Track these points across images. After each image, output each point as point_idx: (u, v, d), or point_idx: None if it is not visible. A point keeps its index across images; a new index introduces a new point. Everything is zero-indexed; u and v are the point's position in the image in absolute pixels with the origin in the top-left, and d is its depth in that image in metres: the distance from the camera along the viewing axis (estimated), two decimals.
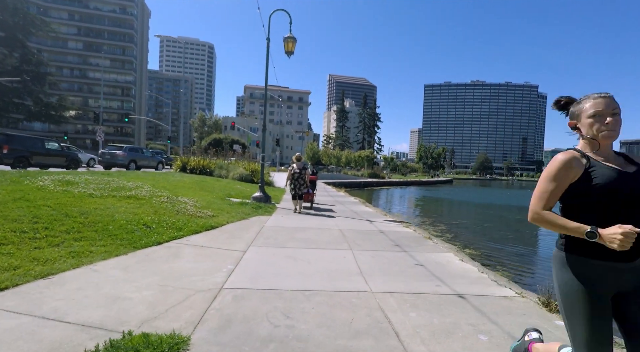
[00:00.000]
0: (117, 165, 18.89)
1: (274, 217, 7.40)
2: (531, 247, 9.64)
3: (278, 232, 5.80)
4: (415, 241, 5.64)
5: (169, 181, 10.21)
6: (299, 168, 8.32)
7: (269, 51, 9.41)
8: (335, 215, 8.45)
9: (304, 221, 7.07)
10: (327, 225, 6.81)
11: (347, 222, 7.43)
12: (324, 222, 7.09)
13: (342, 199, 13.95)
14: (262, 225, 6.39)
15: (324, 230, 6.21)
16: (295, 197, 8.38)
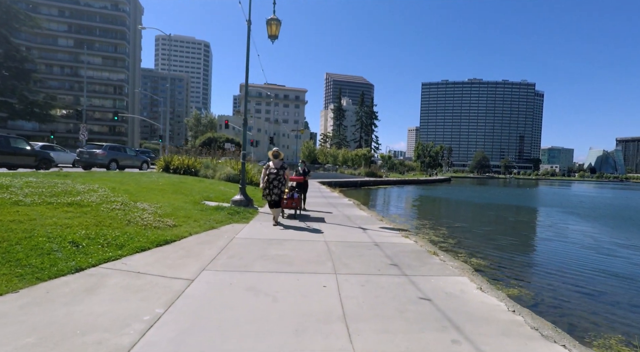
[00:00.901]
0: (96, 165, 17.71)
1: (251, 226, 6.32)
2: (542, 255, 8.62)
3: (248, 247, 4.72)
4: (417, 257, 4.58)
5: (140, 182, 9.10)
6: (276, 167, 6.61)
7: (249, 35, 8.30)
8: (324, 221, 7.38)
9: (285, 231, 6.00)
10: (312, 236, 5.73)
11: (337, 231, 6.36)
12: (309, 232, 6.01)
13: (335, 200, 12.88)
14: (232, 237, 5.31)
15: (307, 243, 5.14)
16: (277, 205, 6.67)
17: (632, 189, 68.36)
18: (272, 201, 6.60)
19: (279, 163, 6.67)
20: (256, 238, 5.31)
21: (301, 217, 7.77)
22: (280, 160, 6.73)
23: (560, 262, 7.92)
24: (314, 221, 7.36)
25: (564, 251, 9.08)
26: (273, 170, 6.57)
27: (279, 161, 6.71)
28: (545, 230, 12.34)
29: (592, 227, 13.42)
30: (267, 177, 6.55)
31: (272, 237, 5.39)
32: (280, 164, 6.67)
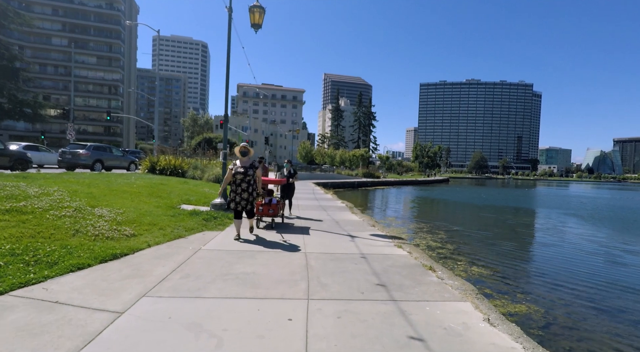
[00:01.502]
0: (79, 166, 16.95)
1: (226, 234, 5.61)
2: (548, 263, 7.95)
3: (212, 261, 4.01)
4: (410, 274, 3.88)
5: (113, 184, 8.37)
6: (244, 166, 5.29)
7: (230, 24, 7.60)
8: (309, 228, 6.67)
9: (261, 241, 5.29)
10: (291, 247, 5.02)
11: (321, 239, 5.65)
12: (288, 242, 5.30)
13: (327, 203, 12.18)
14: (198, 248, 4.59)
15: (283, 256, 4.43)
16: (239, 215, 5.31)
17: (631, 189, 68.05)
18: (240, 209, 5.21)
19: (247, 161, 5.42)
20: (226, 249, 4.60)
21: (282, 228, 6.59)
22: (249, 158, 5.50)
23: (568, 271, 7.25)
24: (297, 228, 6.57)
25: (570, 257, 8.42)
26: (240, 169, 5.25)
27: (248, 159, 5.48)
28: (547, 234, 11.69)
29: (597, 230, 12.78)
30: (233, 178, 5.29)
31: (244, 249, 4.68)
32: (249, 162, 5.41)
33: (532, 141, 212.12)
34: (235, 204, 5.25)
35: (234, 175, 5.29)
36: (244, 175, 5.24)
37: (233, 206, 5.26)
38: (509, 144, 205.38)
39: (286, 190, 8.29)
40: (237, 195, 5.23)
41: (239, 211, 5.25)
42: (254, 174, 5.35)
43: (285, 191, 8.29)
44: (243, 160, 5.42)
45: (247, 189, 5.27)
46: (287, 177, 8.26)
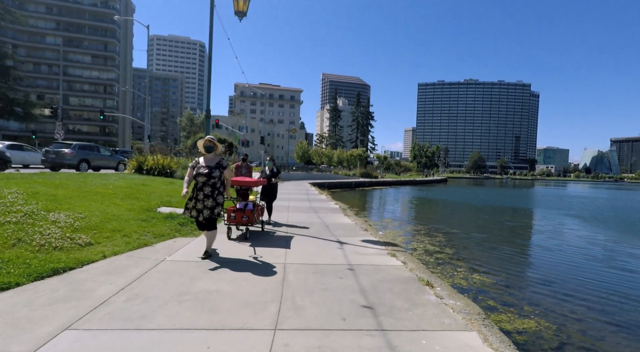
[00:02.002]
0: (64, 166, 16.30)
1: (199, 241, 5.01)
2: (554, 269, 7.39)
3: (172, 276, 3.41)
4: (404, 291, 3.29)
5: (86, 185, 7.74)
6: (208, 165, 4.15)
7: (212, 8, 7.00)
8: (294, 234, 6.07)
9: (234, 250, 4.67)
10: (269, 256, 4.42)
11: (306, 246, 5.06)
12: (267, 251, 4.70)
13: (320, 204, 11.59)
14: (161, 259, 3.99)
15: (257, 269, 3.83)
16: (203, 226, 4.17)
17: (629, 189, 67.87)
18: (202, 219, 4.05)
19: (213, 159, 4.22)
20: (194, 261, 3.99)
21: (260, 237, 5.51)
22: (215, 156, 4.28)
23: (576, 279, 6.69)
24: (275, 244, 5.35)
25: (577, 263, 7.86)
26: (202, 170, 4.08)
27: (215, 156, 4.28)
28: (550, 237, 11.14)
29: (601, 233, 12.24)
30: (195, 181, 4.13)
31: (214, 262, 4.07)
32: (216, 160, 4.21)
33: (529, 141, 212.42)
34: (197, 212, 4.07)
35: (195, 176, 4.12)
36: (207, 176, 4.05)
37: (194, 214, 4.08)
38: (506, 143, 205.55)
39: (267, 192, 7.24)
40: (199, 202, 4.03)
41: (201, 222, 4.10)
42: (221, 175, 4.17)
43: (267, 193, 7.24)
44: (208, 158, 4.21)
45: (211, 194, 4.06)
46: (269, 177, 7.23)
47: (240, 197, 5.78)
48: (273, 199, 7.46)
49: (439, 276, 6.41)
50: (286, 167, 35.50)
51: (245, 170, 7.19)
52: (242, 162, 7.39)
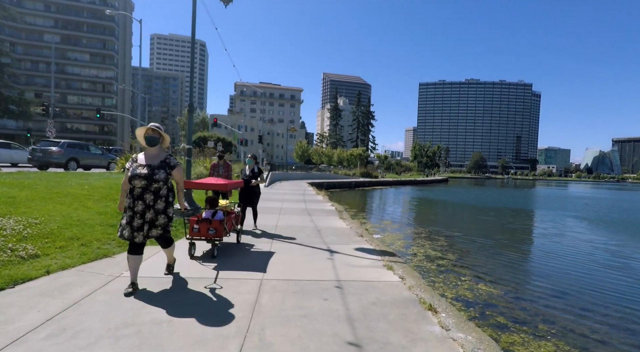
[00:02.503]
0: (52, 165, 15.77)
1: None
2: (566, 278, 6.79)
3: (120, 301, 2.81)
4: (401, 319, 2.69)
5: (60, 185, 7.16)
6: (151, 164, 3.03)
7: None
8: (279, 241, 5.45)
9: (197, 270, 3.89)
10: (248, 269, 3.82)
11: (291, 257, 4.46)
12: (246, 264, 4.10)
13: (315, 206, 11.00)
14: (117, 275, 3.40)
15: (231, 286, 3.23)
16: (135, 249, 3.02)
17: (631, 189, 67.14)
18: (138, 241, 2.96)
19: (158, 155, 3.08)
20: (154, 277, 3.39)
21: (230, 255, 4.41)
22: (162, 152, 3.14)
23: (592, 291, 6.05)
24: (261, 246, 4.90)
25: (589, 272, 7.22)
26: (141, 170, 2.95)
27: (160, 152, 3.12)
28: (557, 241, 10.52)
29: (611, 237, 11.58)
30: (130, 185, 2.99)
31: (177, 281, 3.47)
32: (162, 157, 3.07)
33: (531, 141, 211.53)
34: (130, 232, 2.92)
35: (130, 179, 2.94)
36: (147, 179, 2.91)
37: (126, 234, 2.93)
38: (508, 143, 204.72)
39: (246, 197, 6.09)
40: (136, 215, 2.91)
41: (137, 244, 2.97)
42: (169, 178, 3.04)
43: (246, 198, 6.09)
44: (150, 154, 3.06)
45: (153, 205, 2.96)
46: (249, 178, 6.10)
47: (208, 204, 4.74)
48: (255, 203, 6.36)
49: (442, 286, 5.83)
50: (285, 166, 34.87)
51: (222, 170, 6.26)
52: (218, 160, 6.43)
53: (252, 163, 6.27)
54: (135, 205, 2.95)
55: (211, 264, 4.05)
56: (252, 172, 6.21)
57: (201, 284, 3.26)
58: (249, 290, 3.16)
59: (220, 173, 6.22)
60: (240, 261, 4.25)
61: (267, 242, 5.39)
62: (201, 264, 4.02)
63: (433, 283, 6.03)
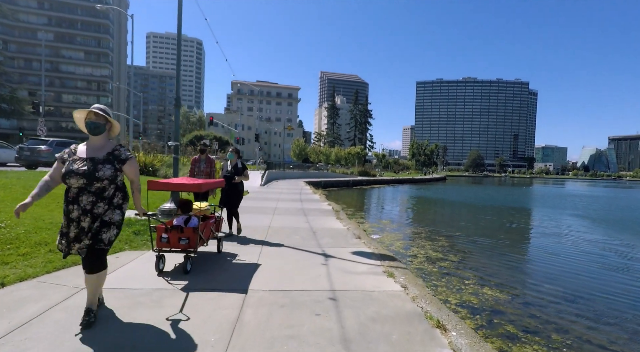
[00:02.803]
0: (40, 164, 15.30)
1: (148, 257, 4.02)
2: (577, 281, 6.45)
3: (75, 320, 2.42)
4: (405, 341, 2.30)
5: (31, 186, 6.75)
6: (92, 157, 2.34)
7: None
8: (269, 245, 5.06)
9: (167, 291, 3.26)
10: (230, 280, 3.43)
11: (282, 263, 4.07)
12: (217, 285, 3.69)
13: (311, 205, 10.62)
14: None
15: (210, 300, 2.85)
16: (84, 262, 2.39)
17: (629, 187, 67.28)
18: (75, 251, 2.35)
19: (104, 147, 2.43)
20: (125, 289, 3.00)
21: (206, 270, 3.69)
22: (112, 141, 2.52)
23: (603, 297, 5.65)
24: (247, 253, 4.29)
25: (598, 276, 6.84)
26: (79, 165, 2.30)
27: (108, 142, 2.48)
28: (560, 241, 10.19)
29: (616, 237, 11.26)
30: (65, 182, 2.31)
31: (153, 287, 3.08)
32: (110, 148, 2.43)
33: (528, 139, 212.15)
34: (66, 244, 2.34)
35: (64, 177, 2.28)
36: (87, 177, 2.26)
37: (61, 247, 2.37)
38: (505, 142, 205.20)
39: (228, 197, 5.35)
40: (72, 224, 2.29)
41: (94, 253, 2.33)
42: (117, 175, 2.37)
43: (227, 198, 5.35)
44: (94, 144, 2.40)
45: (91, 209, 2.28)
46: (230, 175, 5.38)
47: (180, 209, 4.00)
48: (237, 205, 5.51)
49: (445, 291, 5.47)
50: (282, 165, 34.49)
51: (204, 166, 5.61)
52: (200, 154, 5.70)
53: (233, 157, 5.53)
54: (71, 210, 2.28)
55: (181, 282, 3.27)
56: (235, 168, 5.47)
57: (166, 306, 2.85)
58: (231, 304, 2.77)
59: (201, 169, 5.61)
60: (219, 276, 3.57)
61: (255, 247, 4.92)
62: (169, 283, 3.23)
63: (436, 287, 5.67)
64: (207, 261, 4.06)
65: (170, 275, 3.49)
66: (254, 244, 5.11)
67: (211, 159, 5.74)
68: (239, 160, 5.57)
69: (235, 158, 5.53)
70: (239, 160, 5.58)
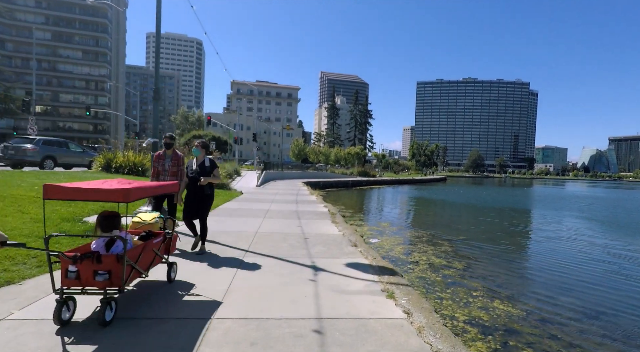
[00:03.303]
0: (26, 163, 14.71)
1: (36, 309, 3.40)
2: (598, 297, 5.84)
3: None
4: None
5: (6, 184, 6.13)
6: None
7: None
8: (252, 256, 4.46)
9: None
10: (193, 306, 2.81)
11: (262, 280, 3.46)
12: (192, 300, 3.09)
13: (306, 207, 10.01)
14: (3, 317, 2.39)
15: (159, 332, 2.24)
16: None
17: (631, 188, 66.72)
18: None
19: None
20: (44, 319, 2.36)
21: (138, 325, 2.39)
22: None
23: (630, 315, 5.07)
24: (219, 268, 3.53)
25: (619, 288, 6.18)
26: None
27: None
28: (570, 246, 9.56)
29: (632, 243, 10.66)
30: None
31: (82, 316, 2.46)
32: None
33: (528, 140, 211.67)
34: None
35: None
36: None
37: None
38: (505, 142, 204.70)
39: (192, 203, 4.34)
40: None
41: None
42: None
43: (191, 204, 4.35)
44: None
45: None
46: (195, 175, 4.34)
47: (99, 226, 2.64)
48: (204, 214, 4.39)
49: (450, 305, 4.86)
50: (280, 165, 33.86)
51: (170, 164, 4.57)
52: (164, 149, 4.64)
53: (199, 153, 4.40)
54: None
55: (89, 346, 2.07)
56: (201, 167, 4.35)
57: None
58: (185, 342, 2.15)
59: (166, 168, 4.59)
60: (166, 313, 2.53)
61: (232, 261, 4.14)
62: (73, 346, 2.07)
63: (440, 300, 5.07)
64: (155, 295, 2.90)
65: (73, 336, 2.17)
66: (231, 257, 4.37)
67: (179, 155, 4.70)
68: (207, 157, 4.46)
69: (202, 154, 4.42)
70: (208, 157, 4.48)
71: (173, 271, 3.28)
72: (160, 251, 3.04)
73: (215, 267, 3.85)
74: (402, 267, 6.59)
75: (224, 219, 7.05)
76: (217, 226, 6.14)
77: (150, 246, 2.82)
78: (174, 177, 4.56)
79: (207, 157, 4.46)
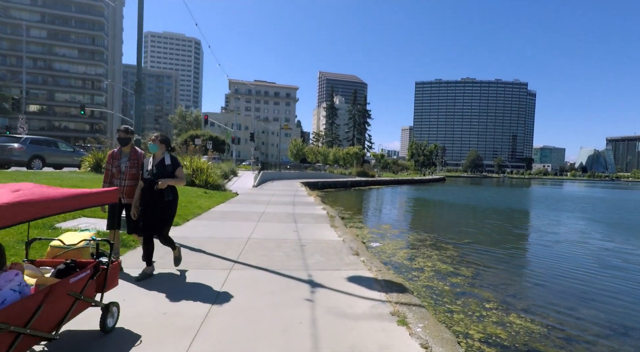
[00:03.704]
0: (12, 163, 14.14)
1: None
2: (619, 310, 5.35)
3: None
4: None
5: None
6: None
7: None
8: (240, 269, 3.94)
9: None
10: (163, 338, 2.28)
11: (249, 299, 2.93)
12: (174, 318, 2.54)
13: (304, 209, 9.50)
14: None
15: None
16: None
17: (629, 188, 66.63)
18: None
19: None
20: None
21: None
22: None
23: None
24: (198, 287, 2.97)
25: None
26: None
27: None
28: (581, 251, 9.07)
29: None
30: None
31: None
32: None
33: (526, 140, 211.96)
34: None
35: None
36: None
37: None
38: (503, 142, 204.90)
39: (149, 210, 3.37)
40: None
41: None
42: None
43: (147, 213, 3.38)
44: None
45: None
46: (152, 177, 3.36)
47: None
48: (163, 226, 3.44)
49: (463, 319, 4.36)
50: (278, 165, 33.31)
51: (127, 165, 3.60)
52: (120, 146, 3.68)
53: (156, 149, 3.44)
54: None
55: None
56: (160, 167, 3.38)
57: None
58: None
59: (123, 170, 3.61)
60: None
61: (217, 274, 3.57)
62: None
63: (451, 314, 4.57)
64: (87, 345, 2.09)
65: None
66: (216, 269, 3.79)
67: (139, 153, 3.72)
68: (167, 155, 3.47)
69: (160, 151, 3.45)
70: (168, 153, 3.49)
71: (111, 316, 2.26)
72: (87, 291, 2.05)
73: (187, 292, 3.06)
74: (406, 275, 6.10)
75: (215, 224, 6.54)
76: (206, 232, 5.63)
77: (62, 289, 1.82)
78: (133, 180, 3.60)
79: (167, 155, 3.47)
